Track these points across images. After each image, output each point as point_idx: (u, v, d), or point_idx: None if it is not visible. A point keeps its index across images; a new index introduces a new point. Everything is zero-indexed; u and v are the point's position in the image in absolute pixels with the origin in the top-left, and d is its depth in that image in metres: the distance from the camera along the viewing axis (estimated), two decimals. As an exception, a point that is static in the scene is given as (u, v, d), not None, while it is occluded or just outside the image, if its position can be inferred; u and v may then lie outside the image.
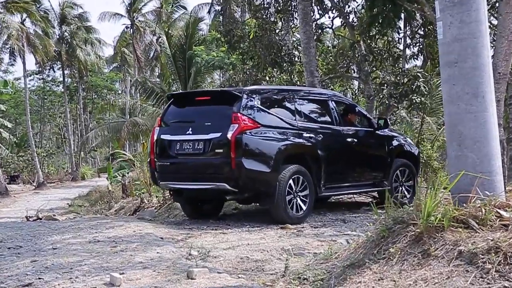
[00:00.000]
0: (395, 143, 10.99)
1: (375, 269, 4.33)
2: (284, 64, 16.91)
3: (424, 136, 18.93)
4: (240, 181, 8.54)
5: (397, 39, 16.93)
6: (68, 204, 27.25)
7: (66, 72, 52.52)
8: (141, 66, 48.03)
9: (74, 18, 50.43)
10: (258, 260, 6.03)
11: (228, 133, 8.46)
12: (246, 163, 8.45)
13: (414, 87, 14.23)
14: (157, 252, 6.31)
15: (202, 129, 8.83)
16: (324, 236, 7.60)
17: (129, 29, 49.81)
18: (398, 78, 14.77)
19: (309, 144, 9.32)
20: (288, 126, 9.16)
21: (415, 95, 14.30)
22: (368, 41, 15.38)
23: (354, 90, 21.59)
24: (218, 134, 8.59)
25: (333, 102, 10.28)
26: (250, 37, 16.99)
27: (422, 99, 14.49)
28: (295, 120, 9.33)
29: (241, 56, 18.29)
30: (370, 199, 11.51)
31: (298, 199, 8.99)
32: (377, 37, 15.28)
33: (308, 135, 9.34)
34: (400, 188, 10.84)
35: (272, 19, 17.34)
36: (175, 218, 10.50)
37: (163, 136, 9.31)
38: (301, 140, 9.23)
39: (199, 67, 28.55)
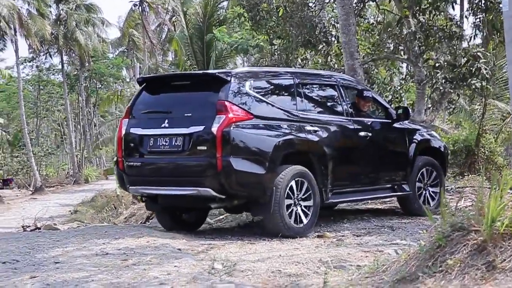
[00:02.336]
0: (417, 137, 10.65)
1: (430, 284, 4.32)
2: (320, 45, 16.86)
3: (486, 127, 18.77)
4: (228, 186, 8.19)
5: (452, 13, 16.75)
6: (70, 211, 27.65)
7: (65, 58, 53.06)
8: (153, 50, 48.26)
9: (72, -6, 50.90)
10: (292, 274, 6.04)
11: (213, 126, 8.11)
12: (235, 164, 8.12)
13: (473, 69, 14.09)
14: (175, 266, 6.36)
15: (181, 121, 8.49)
16: (369, 246, 7.59)
17: (137, 6, 50.17)
18: (455, 59, 14.63)
19: (314, 139, 8.98)
20: (287, 117, 8.85)
21: (474, 78, 14.15)
22: (419, 15, 15.25)
23: (402, 74, 21.44)
24: (201, 128, 8.26)
25: (342, 87, 9.90)
26: (279, 14, 16.95)
27: (483, 83, 14.34)
28: (296, 110, 9.01)
29: (267, 36, 18.27)
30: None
31: (300, 207, 8.64)
32: (432, 12, 15.09)
33: (312, 128, 9.00)
34: (424, 192, 10.56)
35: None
36: (194, 227, 10.56)
37: (132, 130, 8.94)
38: (303, 135, 8.88)
39: (220, 51, 28.62)
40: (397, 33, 16.01)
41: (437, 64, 14.93)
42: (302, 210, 8.66)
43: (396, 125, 10.36)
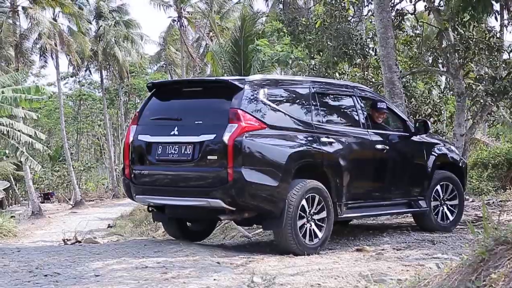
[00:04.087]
0: (436, 151, 10.34)
1: (473, 298, 4.26)
2: (356, 57, 16.80)
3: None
4: (239, 198, 7.90)
5: (492, 24, 16.62)
6: (109, 225, 27.89)
7: (104, 74, 53.79)
8: (193, 64, 48.66)
9: (112, 11, 51.70)
10: (332, 288, 6.02)
11: (224, 135, 7.83)
12: (247, 175, 7.84)
13: (515, 81, 13.93)
14: (214, 279, 6.37)
15: (191, 129, 8.21)
16: (409, 260, 7.52)
17: (176, 22, 50.63)
18: (496, 71, 14.47)
19: (329, 151, 8.68)
20: (302, 127, 8.55)
21: (516, 91, 13.98)
22: (459, 28, 15.10)
23: (440, 87, 21.27)
24: (212, 136, 7.97)
25: (358, 97, 9.59)
26: (317, 26, 16.93)
27: (525, 95, 14.15)
28: (311, 120, 8.72)
29: (307, 50, 18.26)
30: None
31: (313, 223, 8.36)
32: (471, 23, 14.92)
33: (327, 139, 8.70)
34: (441, 208, 10.27)
35: (343, 4, 17.27)
36: (232, 240, 10.59)
37: (141, 137, 8.65)
38: (318, 146, 8.59)
39: (261, 63, 28.70)
40: (436, 45, 15.89)
41: (477, 77, 14.78)
42: (315, 226, 8.39)
43: (414, 138, 10.08)
